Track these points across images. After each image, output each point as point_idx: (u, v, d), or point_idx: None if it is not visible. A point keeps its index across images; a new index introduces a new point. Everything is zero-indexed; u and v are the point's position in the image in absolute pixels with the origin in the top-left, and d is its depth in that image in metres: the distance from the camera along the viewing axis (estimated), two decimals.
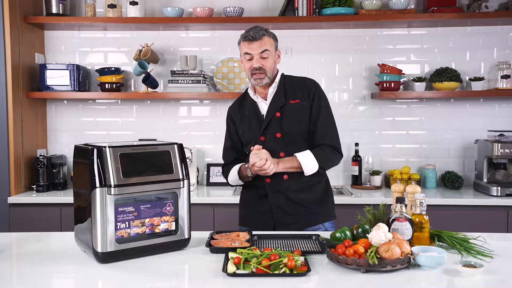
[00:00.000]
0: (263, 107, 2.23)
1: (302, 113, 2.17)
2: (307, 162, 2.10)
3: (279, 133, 2.16)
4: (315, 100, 2.18)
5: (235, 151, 2.32)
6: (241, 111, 2.29)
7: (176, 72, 3.41)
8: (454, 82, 3.31)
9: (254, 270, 1.46)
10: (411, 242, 1.66)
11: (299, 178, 2.14)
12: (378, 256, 1.49)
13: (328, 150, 2.16)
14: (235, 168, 2.23)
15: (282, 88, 2.21)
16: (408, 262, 1.50)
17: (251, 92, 2.25)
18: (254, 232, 1.89)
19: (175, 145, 1.75)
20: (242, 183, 2.26)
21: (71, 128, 3.61)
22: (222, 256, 1.63)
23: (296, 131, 2.16)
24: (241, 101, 2.33)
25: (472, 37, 3.47)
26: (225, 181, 2.36)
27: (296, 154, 2.11)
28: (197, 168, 3.50)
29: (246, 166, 2.13)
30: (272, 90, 2.21)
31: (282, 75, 2.26)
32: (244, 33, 2.17)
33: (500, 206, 2.95)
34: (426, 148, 3.54)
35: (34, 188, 3.27)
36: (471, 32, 3.46)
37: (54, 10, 3.35)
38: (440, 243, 1.75)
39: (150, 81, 3.40)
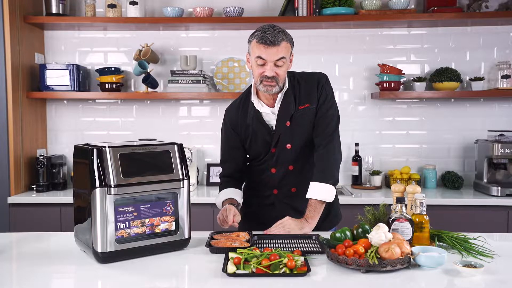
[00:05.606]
0: (270, 116, 2.03)
1: (310, 119, 2.01)
2: (324, 194, 1.95)
3: (289, 144, 2.02)
4: (320, 99, 2.01)
5: (235, 161, 2.16)
6: (243, 120, 2.07)
7: (176, 72, 3.41)
8: (454, 82, 3.30)
9: (254, 270, 1.45)
10: (411, 242, 1.66)
11: (307, 189, 2.01)
12: (378, 256, 1.49)
13: (322, 158, 1.99)
14: (223, 197, 2.12)
15: (291, 93, 2.01)
16: (408, 262, 1.49)
17: (255, 101, 2.03)
18: (254, 232, 1.89)
19: (175, 145, 1.75)
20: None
21: (71, 128, 3.61)
22: (222, 256, 1.63)
23: (305, 140, 2.03)
24: (242, 107, 2.09)
25: (472, 37, 3.47)
26: None
27: (309, 196, 1.96)
28: (197, 168, 3.50)
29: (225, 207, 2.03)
30: (280, 96, 2.00)
31: (290, 75, 2.05)
32: (259, 34, 1.88)
33: (500, 206, 2.95)
34: (426, 148, 3.54)
35: (34, 188, 3.27)
36: (471, 32, 3.46)
37: (54, 10, 3.35)
38: (440, 243, 1.75)
39: (150, 81, 3.40)
